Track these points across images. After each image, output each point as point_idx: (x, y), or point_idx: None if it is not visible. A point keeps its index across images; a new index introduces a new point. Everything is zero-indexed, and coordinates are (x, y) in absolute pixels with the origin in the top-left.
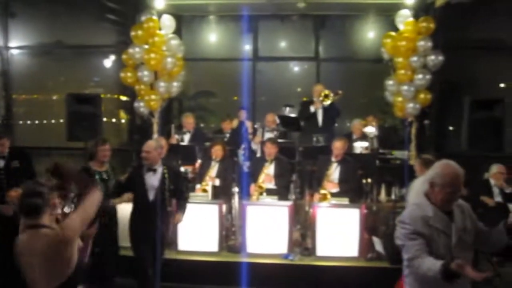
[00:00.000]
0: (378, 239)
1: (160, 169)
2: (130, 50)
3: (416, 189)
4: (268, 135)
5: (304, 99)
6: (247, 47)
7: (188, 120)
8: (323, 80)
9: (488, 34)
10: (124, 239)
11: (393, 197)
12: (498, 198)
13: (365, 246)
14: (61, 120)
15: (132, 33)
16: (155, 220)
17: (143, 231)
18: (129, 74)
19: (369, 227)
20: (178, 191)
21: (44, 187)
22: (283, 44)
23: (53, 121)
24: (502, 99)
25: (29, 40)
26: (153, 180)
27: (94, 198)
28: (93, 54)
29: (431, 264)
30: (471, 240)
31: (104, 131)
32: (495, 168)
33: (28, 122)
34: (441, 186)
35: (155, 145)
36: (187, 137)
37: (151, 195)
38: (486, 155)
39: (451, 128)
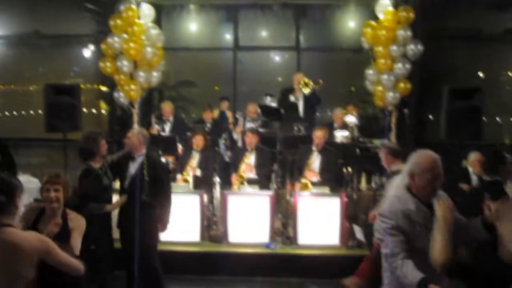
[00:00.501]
0: (358, 227)
1: (140, 158)
2: (109, 40)
3: (396, 184)
4: (249, 125)
5: (286, 88)
6: (228, 37)
7: (167, 108)
8: (304, 69)
9: (467, 24)
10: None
11: (373, 185)
12: (475, 183)
13: (346, 234)
14: (40, 111)
15: (111, 23)
16: (129, 209)
17: (122, 220)
18: (108, 64)
19: (349, 216)
20: (157, 182)
21: (12, 184)
22: (263, 33)
23: (32, 112)
24: (480, 88)
25: (6, 30)
26: (131, 168)
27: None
28: (72, 44)
29: (410, 273)
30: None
31: (84, 122)
32: (473, 156)
33: (7, 113)
34: (420, 173)
35: (136, 131)
36: (168, 127)
37: (126, 183)
38: (464, 144)
39: (430, 117)
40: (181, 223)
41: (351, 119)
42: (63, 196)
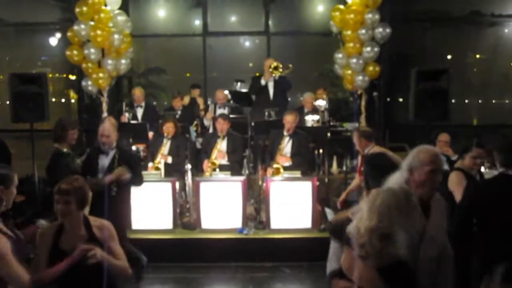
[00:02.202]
0: (330, 210)
1: (112, 152)
2: (75, 27)
3: (395, 179)
4: (220, 111)
5: (257, 74)
6: (197, 23)
7: (138, 93)
8: (274, 54)
9: (435, 6)
10: None
11: (344, 168)
12: (445, 166)
13: (318, 217)
14: (8, 102)
15: (77, 10)
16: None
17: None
18: (75, 52)
19: (321, 199)
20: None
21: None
22: (233, 19)
23: None
24: (447, 70)
25: None
26: (104, 161)
27: None
28: (38, 32)
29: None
30: (441, 239)
31: (52, 112)
32: (440, 137)
33: None
34: (420, 167)
35: (113, 128)
36: (140, 113)
37: (98, 177)
38: (432, 125)
39: (399, 99)
40: (153, 211)
41: (321, 103)
42: (77, 206)
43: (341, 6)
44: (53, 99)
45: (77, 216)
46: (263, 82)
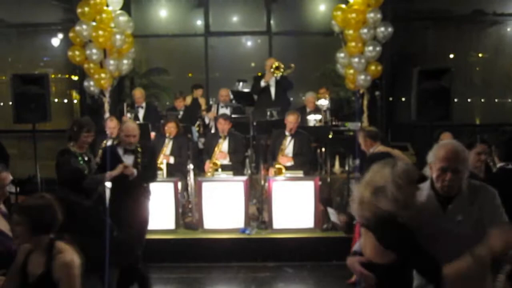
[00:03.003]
0: (332, 209)
1: (133, 148)
2: (77, 28)
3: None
4: (222, 110)
5: (259, 74)
6: (199, 23)
7: (138, 94)
8: (276, 54)
9: (436, 5)
10: None
11: (346, 168)
12: None
13: (320, 217)
14: (10, 103)
15: (79, 10)
16: (132, 200)
17: (123, 211)
18: (77, 53)
19: (323, 199)
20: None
21: None
22: (234, 18)
23: (1, 103)
24: (449, 69)
25: None
26: (129, 160)
27: None
28: (40, 33)
29: None
30: (471, 233)
31: (54, 112)
32: (443, 136)
33: None
34: (434, 162)
35: (137, 126)
36: (141, 114)
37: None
38: (435, 125)
39: (401, 98)
40: (156, 211)
41: (323, 102)
42: (29, 230)
43: (343, 6)
44: (55, 100)
45: (31, 241)
46: (263, 83)
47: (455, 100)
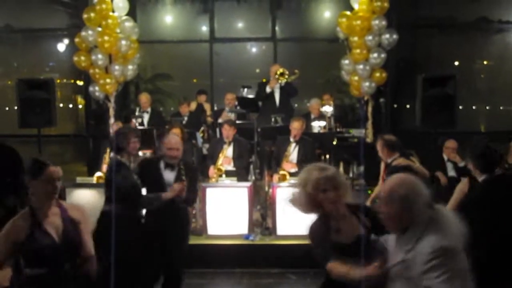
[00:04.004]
0: None
1: (177, 164)
2: (83, 33)
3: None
4: (229, 115)
5: (263, 80)
6: (204, 29)
7: (144, 99)
8: (281, 60)
9: (441, 12)
10: None
11: (351, 175)
12: (452, 173)
13: None
14: (16, 107)
15: (84, 16)
16: (173, 219)
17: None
18: (82, 58)
19: None
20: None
21: None
22: (239, 25)
23: (7, 108)
24: (454, 76)
25: None
26: (169, 176)
27: None
28: (45, 38)
29: None
30: None
31: (59, 117)
32: (447, 143)
33: None
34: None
35: (179, 139)
36: (146, 119)
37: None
38: (439, 131)
39: (406, 105)
40: None
41: (328, 109)
42: None
43: (348, 13)
44: (61, 105)
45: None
46: (268, 89)
47: (460, 107)
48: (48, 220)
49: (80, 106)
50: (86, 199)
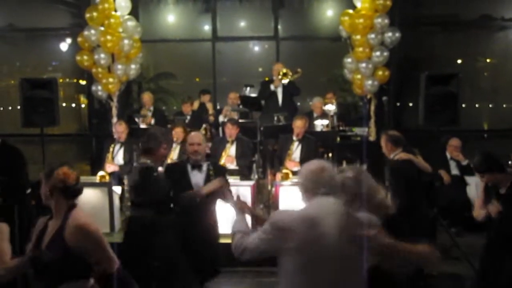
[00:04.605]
0: None
1: (205, 165)
2: (86, 33)
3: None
4: (231, 111)
5: (266, 79)
6: (206, 28)
7: (146, 98)
8: (283, 59)
9: (444, 10)
10: None
11: None
12: (455, 171)
13: None
14: (19, 107)
15: (87, 15)
16: (202, 225)
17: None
18: (85, 57)
19: None
20: None
21: None
22: (242, 23)
23: (10, 107)
24: (457, 74)
25: None
26: (198, 178)
27: None
28: (48, 38)
29: None
30: None
31: (62, 116)
32: (451, 142)
33: None
34: None
35: (202, 136)
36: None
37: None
38: (442, 130)
39: (409, 103)
40: None
41: (331, 107)
42: None
43: (351, 11)
44: (63, 104)
45: None
46: (272, 88)
47: (463, 105)
48: None
49: (83, 106)
50: (89, 198)
